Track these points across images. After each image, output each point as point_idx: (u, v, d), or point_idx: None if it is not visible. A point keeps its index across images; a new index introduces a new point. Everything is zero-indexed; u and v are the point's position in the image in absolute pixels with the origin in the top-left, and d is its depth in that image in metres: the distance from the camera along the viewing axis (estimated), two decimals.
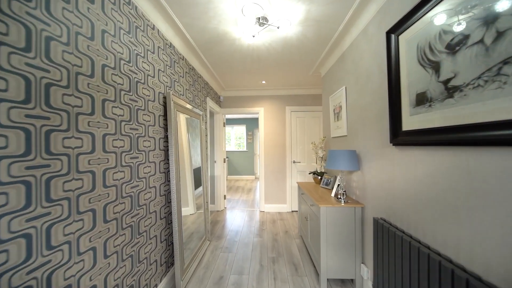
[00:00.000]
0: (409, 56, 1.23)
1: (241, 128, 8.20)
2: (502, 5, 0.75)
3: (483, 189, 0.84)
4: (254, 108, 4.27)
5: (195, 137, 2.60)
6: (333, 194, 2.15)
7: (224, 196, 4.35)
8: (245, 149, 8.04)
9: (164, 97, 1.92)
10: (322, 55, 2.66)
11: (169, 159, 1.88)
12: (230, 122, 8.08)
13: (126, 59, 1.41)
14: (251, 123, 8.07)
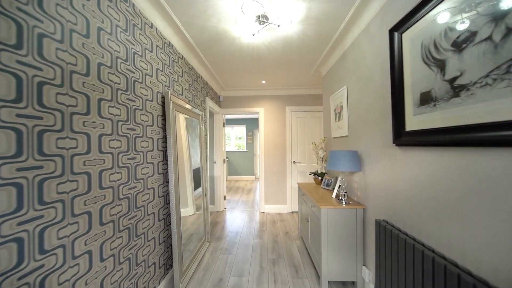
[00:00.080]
0: (413, 55, 1.20)
1: (241, 128, 8.16)
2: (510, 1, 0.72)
3: (491, 191, 0.82)
4: (254, 108, 4.24)
5: (195, 138, 2.57)
6: (334, 195, 2.12)
7: (224, 197, 4.32)
8: (245, 150, 8.01)
9: (163, 97, 1.89)
10: (323, 54, 2.63)
11: (168, 160, 1.85)
12: (230, 122, 8.04)
13: (123, 58, 1.38)
14: (251, 123, 8.04)
